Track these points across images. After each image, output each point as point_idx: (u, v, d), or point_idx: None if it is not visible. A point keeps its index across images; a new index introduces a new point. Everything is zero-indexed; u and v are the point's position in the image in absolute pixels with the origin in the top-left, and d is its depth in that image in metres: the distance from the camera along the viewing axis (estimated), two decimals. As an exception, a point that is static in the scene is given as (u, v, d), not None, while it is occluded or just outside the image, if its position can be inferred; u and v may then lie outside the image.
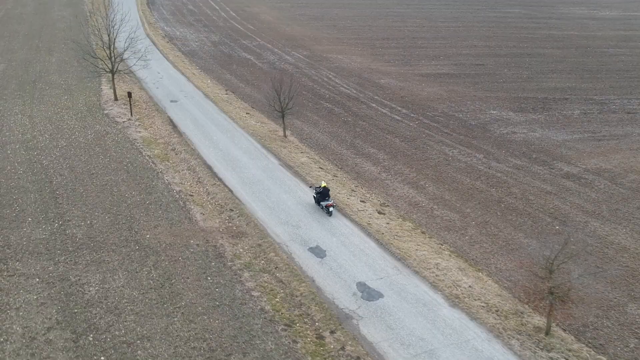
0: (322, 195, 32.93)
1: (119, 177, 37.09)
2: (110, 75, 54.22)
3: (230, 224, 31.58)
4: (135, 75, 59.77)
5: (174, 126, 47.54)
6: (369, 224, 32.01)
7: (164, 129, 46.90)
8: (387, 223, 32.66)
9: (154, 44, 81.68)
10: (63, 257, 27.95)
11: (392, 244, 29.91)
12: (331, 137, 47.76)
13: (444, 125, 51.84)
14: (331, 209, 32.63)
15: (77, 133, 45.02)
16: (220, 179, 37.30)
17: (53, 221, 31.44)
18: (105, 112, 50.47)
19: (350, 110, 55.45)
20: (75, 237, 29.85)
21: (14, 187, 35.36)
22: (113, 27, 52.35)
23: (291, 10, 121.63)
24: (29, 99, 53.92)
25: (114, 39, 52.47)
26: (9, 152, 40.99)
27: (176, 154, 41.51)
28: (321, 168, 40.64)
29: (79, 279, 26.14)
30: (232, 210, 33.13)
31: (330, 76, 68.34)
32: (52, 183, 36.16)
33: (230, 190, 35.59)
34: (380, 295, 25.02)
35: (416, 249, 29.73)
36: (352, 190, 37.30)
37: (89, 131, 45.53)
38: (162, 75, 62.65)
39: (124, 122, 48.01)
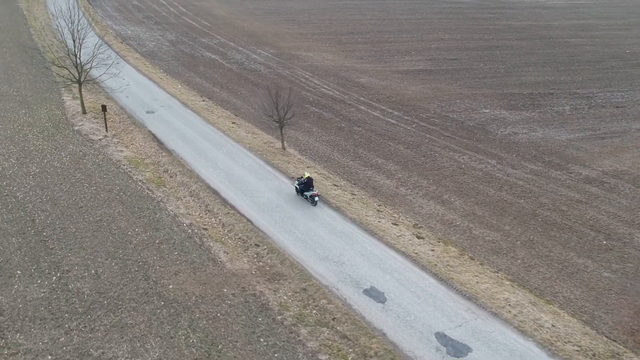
0: (306, 185, 33.12)
1: (113, 209, 31.80)
2: (74, 85, 47.90)
3: (261, 264, 27.22)
4: (99, 83, 53.47)
5: (159, 143, 42.16)
6: (417, 253, 28.44)
7: (147, 146, 41.47)
8: (432, 250, 29.19)
9: (108, 45, 74.47)
10: (74, 323, 22.88)
11: (451, 277, 26.47)
12: (331, 147, 43.79)
13: (442, 127, 48.89)
14: (316, 198, 32.93)
15: (49, 156, 38.99)
16: (232, 207, 32.66)
17: (49, 273, 26.11)
18: (76, 128, 44.36)
19: (341, 115, 51.57)
20: (82, 293, 24.74)
21: (-11, 230, 29.53)
22: (79, 30, 46.00)
23: (242, 4, 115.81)
24: (-19, 115, 47.00)
25: (81, 45, 46.15)
26: (-28, 183, 34.79)
27: (171, 177, 36.43)
28: (336, 185, 36.66)
29: (103, 353, 21.24)
30: (258, 245, 28.71)
31: (306, 76, 64.08)
32: (35, 222, 30.49)
33: (249, 221, 31.07)
34: (468, 349, 21.53)
35: (477, 282, 26.42)
36: (378, 210, 33.57)
37: (62, 153, 39.57)
38: (129, 82, 56.51)
39: (100, 139, 42.21)
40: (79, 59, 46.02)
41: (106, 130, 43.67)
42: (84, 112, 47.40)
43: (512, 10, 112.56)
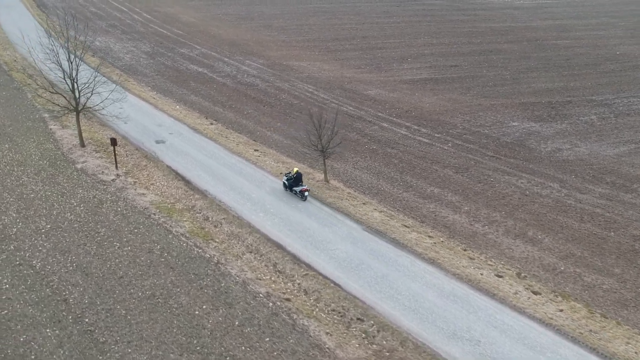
0: (296, 180, 33.44)
1: (164, 278, 25.48)
2: (66, 113, 40.61)
3: (376, 346, 21.76)
4: (100, 111, 45.85)
5: (185, 181, 35.69)
6: (552, 318, 23.66)
7: (172, 186, 34.96)
8: (560, 310, 24.58)
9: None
10: None
11: (608, 349, 21.79)
12: (375, 176, 38.60)
13: (481, 146, 44.57)
14: (306, 193, 33.13)
15: (57, 205, 31.93)
16: (307, 265, 26.91)
17: (112, 383, 19.71)
18: (78, 166, 37.21)
19: (366, 134, 46.40)
20: (167, 411, 18.55)
21: (12, 319, 22.69)
22: (78, 48, 38.77)
23: (209, 9, 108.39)
24: (-43, 154, 39.01)
25: (78, 66, 38.90)
26: (-29, 250, 27.54)
27: (216, 227, 30.23)
28: (406, 227, 31.50)
29: None
30: (361, 319, 23.19)
31: (309, 89, 58.46)
32: (69, 302, 23.86)
33: (337, 284, 25.47)
34: None
35: (635, 352, 21.88)
36: (470, 258, 28.69)
37: (72, 200, 32.57)
38: (122, 104, 49.07)
39: (113, 180, 35.35)
40: (76, 82, 38.74)
41: (116, 167, 36.77)
42: (82, 145, 40.16)
43: (485, 11, 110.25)
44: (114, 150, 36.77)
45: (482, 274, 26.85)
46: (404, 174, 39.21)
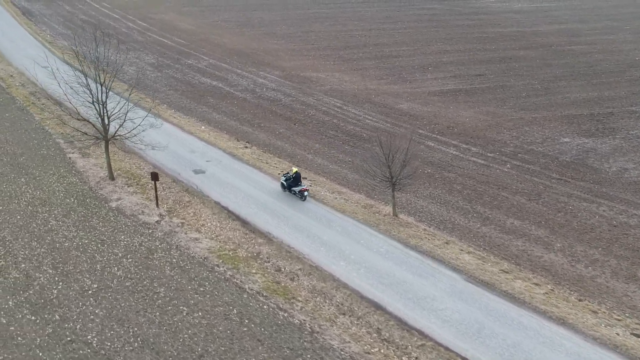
0: (295, 180, 32.87)
1: (254, 356, 20.82)
2: (94, 143, 35.47)
3: None
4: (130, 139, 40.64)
5: (241, 221, 30.91)
6: None
7: (226, 227, 30.20)
8: None
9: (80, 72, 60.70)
10: None
11: None
12: (442, 206, 34.44)
13: (542, 166, 40.81)
14: (305, 193, 32.75)
15: (98, 256, 26.94)
16: (419, 332, 22.47)
17: None
18: (112, 204, 32.13)
19: (415, 155, 41.93)
20: None
21: None
22: (109, 66, 33.77)
23: (204, 15, 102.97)
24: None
25: (108, 89, 33.81)
26: (4, 320, 22.37)
27: (293, 280, 25.64)
28: (505, 271, 27.40)
29: None
30: (510, 407, 18.85)
31: (337, 104, 54.04)
32: (146, 395, 18.97)
33: (463, 358, 21.01)
34: None
35: None
36: (592, 311, 24.63)
37: (115, 250, 27.58)
38: (144, 125, 43.88)
39: (157, 222, 30.42)
40: (106, 107, 33.63)
41: (157, 205, 31.79)
42: (112, 178, 35.00)
43: (487, 15, 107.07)
44: (155, 187, 31.76)
45: (617, 334, 22.79)
46: (473, 202, 35.08)
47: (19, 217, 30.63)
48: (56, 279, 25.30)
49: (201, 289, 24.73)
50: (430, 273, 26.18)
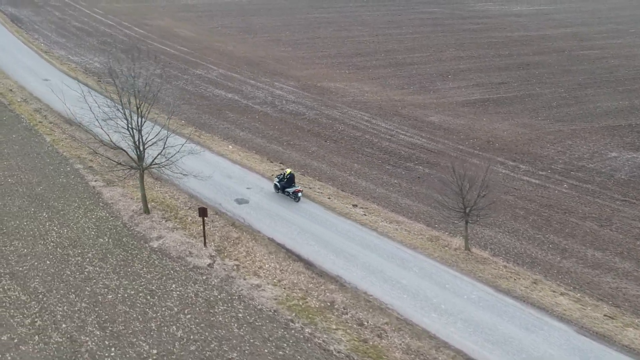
0: (288, 181, 32.61)
1: None
2: (128, 174, 31.47)
3: None
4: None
5: (304, 262, 27.21)
6: None
7: (288, 269, 26.54)
8: None
9: (88, 86, 56.40)
10: None
11: None
12: (511, 236, 31.33)
13: (600, 185, 37.95)
14: (299, 194, 32.48)
15: (150, 312, 23.10)
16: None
17: None
18: (154, 245, 28.23)
19: (494, 184, 38.79)
20: None
21: None
22: (149, 87, 29.91)
23: (202, 21, 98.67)
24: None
25: (145, 115, 29.86)
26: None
27: (381, 338, 22.12)
28: (609, 317, 24.28)
29: None
30: None
31: (365, 117, 50.64)
32: None
33: None
34: None
35: None
36: None
37: (168, 303, 23.78)
38: (182, 152, 39.77)
39: (209, 265, 26.62)
40: (140, 133, 29.67)
41: (205, 244, 27.95)
42: (147, 212, 30.99)
43: (489, 19, 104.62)
44: (203, 223, 27.89)
45: None
46: (543, 230, 31.93)
47: (48, 262, 26.58)
48: (106, 342, 21.39)
49: (280, 352, 21.04)
50: (536, 325, 22.84)
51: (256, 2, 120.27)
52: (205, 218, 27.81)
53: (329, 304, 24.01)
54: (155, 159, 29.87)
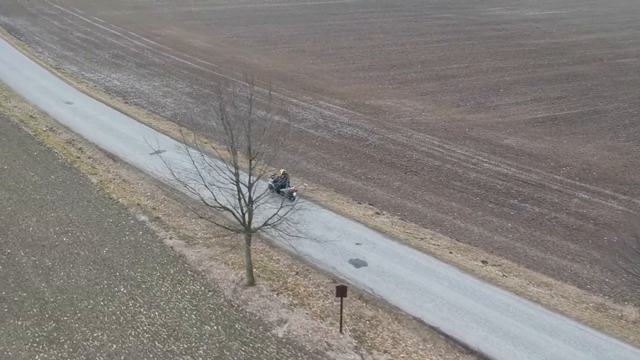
0: (283, 182, 32.44)
1: None
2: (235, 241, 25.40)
3: None
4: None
5: (475, 355, 21.44)
6: None
7: (457, 365, 20.75)
8: None
9: (113, 108, 49.87)
10: None
11: None
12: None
13: None
14: (294, 194, 31.67)
15: None
16: None
17: None
18: (278, 333, 22.28)
19: (585, 217, 33.72)
20: None
21: None
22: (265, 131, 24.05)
23: (214, 30, 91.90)
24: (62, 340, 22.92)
25: (258, 155, 23.86)
26: None
27: None
28: None
29: None
30: None
31: (434, 142, 45.17)
32: None
33: None
34: None
35: None
36: None
37: None
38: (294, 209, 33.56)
39: (358, 363, 20.65)
40: (250, 189, 23.63)
41: (341, 330, 22.03)
42: (252, 284, 24.89)
43: (508, 25, 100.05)
44: (341, 306, 21.96)
45: None
46: None
47: (153, 366, 20.32)
48: None
49: None
50: None
51: (262, 9, 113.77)
52: (344, 297, 21.85)
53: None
54: (270, 219, 23.77)
